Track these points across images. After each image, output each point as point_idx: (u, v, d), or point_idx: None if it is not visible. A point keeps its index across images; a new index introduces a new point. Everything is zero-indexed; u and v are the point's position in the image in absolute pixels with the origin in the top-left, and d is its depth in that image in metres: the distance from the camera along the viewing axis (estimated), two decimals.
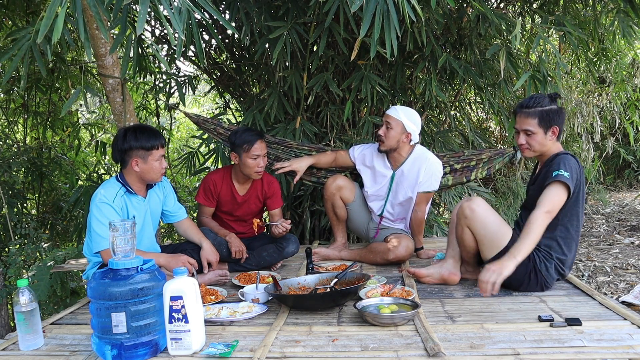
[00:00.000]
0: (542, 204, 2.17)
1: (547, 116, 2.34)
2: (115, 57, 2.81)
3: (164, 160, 2.45)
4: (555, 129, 2.36)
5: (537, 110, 2.34)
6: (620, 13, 3.18)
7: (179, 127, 7.81)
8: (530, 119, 2.36)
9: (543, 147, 2.38)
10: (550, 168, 2.26)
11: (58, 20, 1.69)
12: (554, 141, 2.38)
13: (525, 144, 2.40)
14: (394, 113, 2.94)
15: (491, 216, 2.36)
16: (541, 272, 2.29)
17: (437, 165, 3.00)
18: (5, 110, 4.96)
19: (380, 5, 2.20)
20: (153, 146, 2.36)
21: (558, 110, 2.37)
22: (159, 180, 2.47)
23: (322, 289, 2.16)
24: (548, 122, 2.34)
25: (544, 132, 2.35)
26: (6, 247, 3.86)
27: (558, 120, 2.36)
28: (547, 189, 2.21)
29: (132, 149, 2.35)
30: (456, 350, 1.73)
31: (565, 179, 2.17)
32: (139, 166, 2.37)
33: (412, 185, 2.99)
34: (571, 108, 5.61)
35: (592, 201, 6.80)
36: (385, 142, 2.95)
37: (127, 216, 2.40)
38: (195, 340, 1.76)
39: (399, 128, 2.92)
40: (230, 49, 4.13)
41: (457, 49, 3.87)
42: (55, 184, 4.86)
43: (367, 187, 3.14)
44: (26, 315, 1.84)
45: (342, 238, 3.27)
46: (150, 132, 2.40)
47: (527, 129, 2.36)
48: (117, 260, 1.71)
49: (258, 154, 2.86)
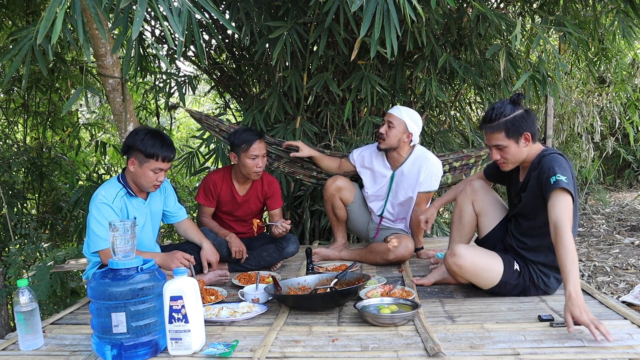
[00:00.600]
0: (561, 222, 1.95)
1: (512, 125, 2.17)
2: (115, 57, 2.80)
3: (162, 174, 2.39)
4: (527, 135, 2.19)
5: (501, 123, 2.18)
6: (620, 13, 3.18)
7: (179, 127, 7.81)
8: (497, 133, 2.19)
9: (520, 157, 2.23)
10: (544, 173, 2.10)
11: (57, 21, 1.69)
12: (530, 146, 2.22)
13: (500, 158, 2.25)
14: (397, 112, 2.94)
15: (491, 191, 2.48)
16: (539, 286, 2.27)
17: (437, 165, 3.00)
18: (5, 110, 4.97)
19: (380, 5, 2.20)
20: (153, 155, 2.32)
21: (524, 114, 2.19)
22: (150, 190, 2.42)
23: (322, 289, 2.16)
24: (516, 131, 2.17)
25: (516, 142, 2.19)
26: (6, 247, 3.85)
27: (526, 124, 2.18)
28: (554, 200, 2.01)
29: (134, 148, 2.34)
30: (456, 350, 1.73)
31: (565, 185, 2.00)
32: (134, 167, 2.36)
33: (413, 185, 2.99)
34: (571, 108, 5.61)
35: (592, 201, 6.80)
36: (386, 140, 2.95)
37: (126, 217, 2.40)
38: (195, 340, 1.76)
39: (401, 127, 2.93)
40: (230, 49, 4.13)
41: (457, 49, 3.87)
42: (55, 184, 4.86)
43: (367, 187, 3.14)
44: (26, 315, 1.84)
45: (342, 238, 3.27)
46: (159, 141, 2.34)
47: (497, 144, 2.21)
48: (117, 260, 1.71)
49: (257, 154, 2.85)
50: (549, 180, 2.05)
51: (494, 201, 2.46)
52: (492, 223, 2.43)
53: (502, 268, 2.23)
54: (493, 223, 2.43)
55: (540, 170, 2.13)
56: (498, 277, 2.23)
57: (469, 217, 2.48)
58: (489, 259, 2.26)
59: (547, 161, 2.13)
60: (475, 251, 2.28)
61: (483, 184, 2.49)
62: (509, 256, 2.29)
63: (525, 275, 2.25)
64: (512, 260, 2.27)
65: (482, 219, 2.45)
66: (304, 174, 3.41)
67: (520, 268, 2.25)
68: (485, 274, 2.24)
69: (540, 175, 2.13)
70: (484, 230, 2.46)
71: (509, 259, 2.27)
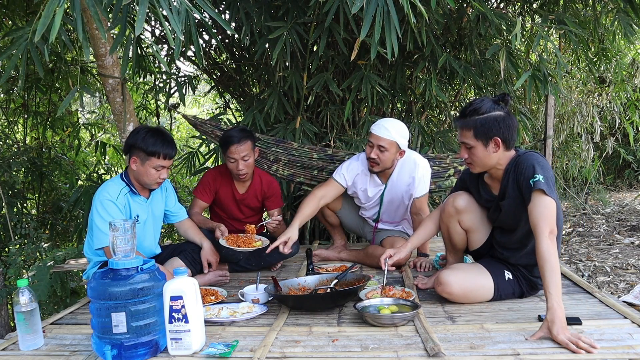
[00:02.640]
0: (537, 229, 1.85)
1: (482, 126, 1.99)
2: (115, 57, 2.81)
3: (165, 171, 2.41)
4: (497, 140, 2.00)
5: (470, 120, 2.01)
6: (620, 13, 3.17)
7: (179, 127, 7.81)
8: (465, 130, 2.03)
9: (487, 162, 2.05)
10: (521, 175, 1.98)
11: (55, 20, 1.69)
12: (502, 152, 2.04)
13: (467, 157, 2.09)
14: (386, 134, 2.70)
15: (476, 206, 2.29)
16: (537, 287, 2.23)
17: (426, 167, 2.88)
18: (5, 110, 4.97)
19: (380, 7, 2.20)
20: (154, 153, 2.34)
21: (499, 117, 1.99)
22: (153, 187, 2.45)
23: (322, 289, 2.16)
24: (485, 134, 1.99)
25: (484, 145, 2.02)
26: (6, 247, 3.85)
27: (498, 128, 1.98)
28: (532, 203, 1.90)
29: (135, 147, 2.36)
30: (456, 350, 1.73)
31: (542, 186, 1.88)
32: (136, 166, 2.38)
33: (404, 190, 2.89)
34: (571, 108, 5.61)
35: (592, 201, 6.80)
36: (380, 164, 2.76)
37: (129, 215, 2.41)
38: (195, 340, 1.76)
39: (393, 149, 2.73)
40: (230, 49, 4.13)
41: (457, 49, 3.87)
42: (55, 184, 4.86)
43: (359, 202, 3.06)
44: (26, 315, 1.84)
45: (341, 239, 3.27)
46: (161, 139, 2.36)
47: (464, 141, 2.05)
48: (117, 260, 1.71)
49: (235, 157, 2.81)
50: (528, 182, 1.93)
51: (481, 216, 2.30)
52: (482, 238, 2.33)
53: (492, 284, 2.18)
54: (482, 238, 2.32)
55: (518, 172, 2.00)
56: (491, 292, 2.19)
57: (458, 235, 2.36)
58: (478, 278, 2.19)
59: (524, 161, 1.99)
60: (462, 274, 2.20)
61: (467, 200, 2.30)
62: (499, 266, 2.23)
63: (520, 282, 2.22)
64: (503, 270, 2.21)
65: (471, 234, 2.34)
66: (304, 175, 3.40)
67: (513, 276, 2.21)
68: (478, 293, 2.19)
69: (518, 177, 2.00)
70: (474, 245, 2.37)
71: (499, 271, 2.21)
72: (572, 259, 4.38)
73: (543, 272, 1.81)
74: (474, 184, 2.30)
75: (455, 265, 2.33)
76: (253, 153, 2.89)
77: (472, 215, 2.30)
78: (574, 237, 5.08)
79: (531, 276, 2.20)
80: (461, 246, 2.42)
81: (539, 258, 1.83)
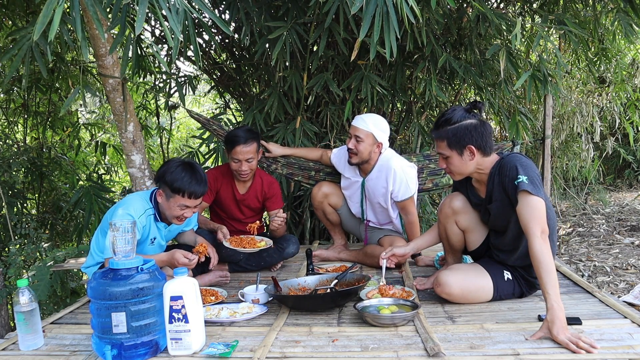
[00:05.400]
0: (528, 229, 1.87)
1: (454, 136, 2.02)
2: (115, 57, 2.80)
3: (190, 211, 2.32)
4: (471, 148, 2.02)
5: (443, 131, 2.05)
6: (620, 13, 3.17)
7: (179, 127, 7.81)
8: (439, 141, 2.07)
9: (464, 169, 2.08)
10: (505, 177, 1.99)
11: (55, 19, 1.69)
12: (479, 159, 2.06)
13: (446, 167, 2.13)
14: (363, 125, 2.78)
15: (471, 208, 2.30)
16: (537, 287, 2.22)
17: (404, 171, 2.82)
18: (5, 110, 4.97)
19: (379, 7, 2.20)
20: (179, 190, 2.25)
21: (471, 126, 2.02)
22: (176, 223, 2.37)
23: (322, 289, 2.16)
24: (458, 142, 2.02)
25: (459, 154, 2.05)
26: (6, 247, 3.85)
27: (471, 137, 2.01)
28: (519, 204, 1.92)
29: (163, 179, 2.30)
30: (456, 350, 1.73)
31: (527, 187, 1.89)
32: (161, 199, 2.34)
33: (382, 194, 2.88)
34: (571, 108, 5.60)
35: (592, 201, 6.80)
36: (358, 155, 2.81)
37: (147, 236, 2.38)
38: (195, 340, 1.76)
39: (369, 140, 2.78)
40: (230, 49, 4.13)
41: (457, 49, 3.87)
42: (55, 184, 4.86)
43: (344, 188, 3.10)
44: (26, 315, 1.84)
45: (341, 239, 3.27)
46: (189, 175, 2.26)
47: (439, 152, 2.10)
48: (117, 260, 1.71)
49: (239, 158, 2.82)
50: (513, 184, 1.95)
51: (478, 216, 2.30)
52: (479, 238, 2.33)
53: (491, 284, 2.18)
54: (480, 238, 2.33)
55: (502, 175, 2.02)
56: (490, 293, 2.19)
57: (455, 236, 2.37)
58: (478, 279, 2.19)
59: (507, 163, 2.01)
60: (461, 275, 2.20)
61: (463, 201, 2.31)
62: (499, 266, 2.23)
63: (519, 281, 2.22)
64: (502, 271, 2.21)
65: (469, 235, 2.34)
66: (302, 175, 3.41)
67: (512, 276, 2.21)
68: (477, 294, 2.19)
69: (502, 179, 2.02)
70: (472, 246, 2.37)
71: (498, 271, 2.21)
72: (572, 259, 4.39)
73: (539, 273, 1.82)
74: (464, 188, 2.32)
75: (454, 266, 2.34)
76: (257, 155, 2.90)
77: (468, 215, 2.31)
78: (574, 237, 5.08)
79: (529, 277, 2.20)
80: (459, 247, 2.42)
81: (533, 259, 1.85)
